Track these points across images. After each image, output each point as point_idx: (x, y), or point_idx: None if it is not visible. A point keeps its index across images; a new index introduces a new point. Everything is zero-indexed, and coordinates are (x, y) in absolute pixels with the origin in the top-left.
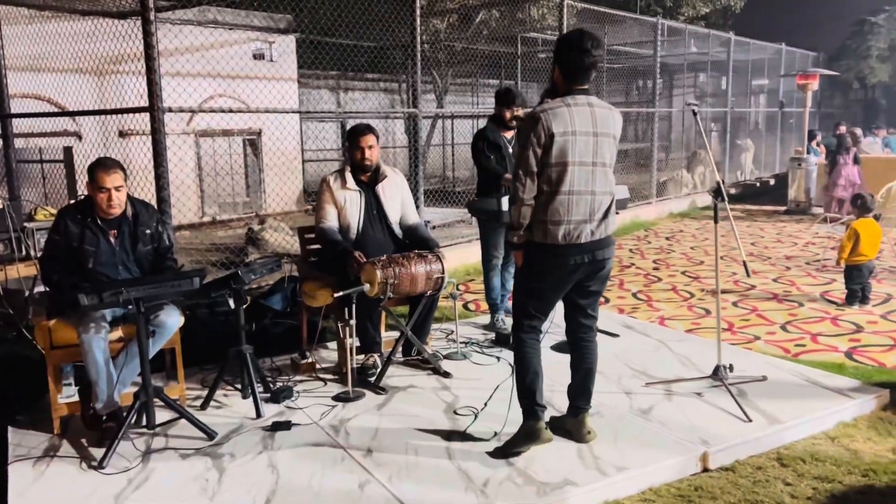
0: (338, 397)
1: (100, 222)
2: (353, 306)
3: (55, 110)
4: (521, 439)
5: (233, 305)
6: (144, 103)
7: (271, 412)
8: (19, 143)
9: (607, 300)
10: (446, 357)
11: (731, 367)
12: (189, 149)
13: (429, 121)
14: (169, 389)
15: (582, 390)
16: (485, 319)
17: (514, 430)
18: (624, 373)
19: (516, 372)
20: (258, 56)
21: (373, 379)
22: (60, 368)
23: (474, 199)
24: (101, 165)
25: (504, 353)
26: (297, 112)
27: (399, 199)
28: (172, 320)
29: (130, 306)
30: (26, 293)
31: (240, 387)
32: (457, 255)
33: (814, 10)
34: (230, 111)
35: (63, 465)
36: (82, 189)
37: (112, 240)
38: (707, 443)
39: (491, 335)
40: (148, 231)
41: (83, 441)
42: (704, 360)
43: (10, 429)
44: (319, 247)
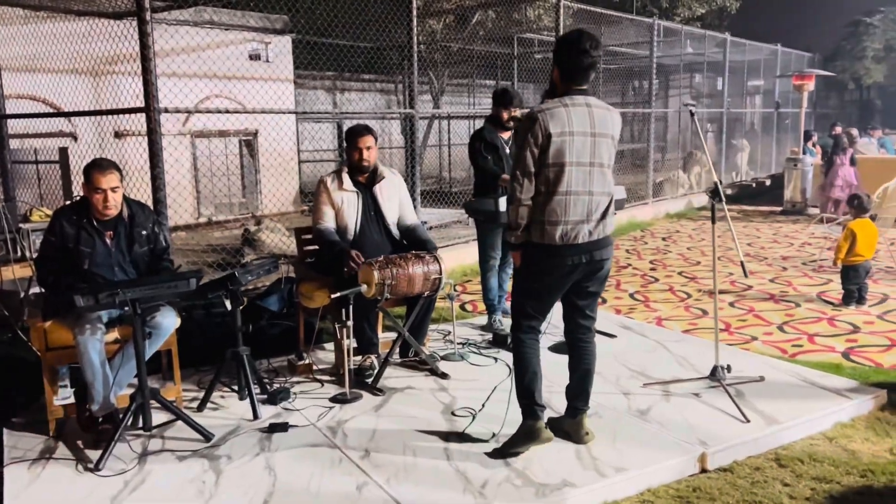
0: (335, 399)
1: (96, 223)
2: (351, 307)
3: (50, 111)
4: (520, 439)
5: (229, 307)
6: (140, 104)
7: (268, 414)
8: (14, 143)
9: (604, 301)
10: (444, 358)
11: (728, 368)
12: (185, 149)
13: (425, 121)
14: (165, 391)
15: (580, 391)
16: (482, 320)
17: (513, 430)
18: (622, 373)
19: (515, 372)
20: (254, 57)
21: (370, 380)
22: (56, 370)
23: (471, 199)
24: (97, 166)
25: (501, 354)
26: (293, 113)
27: (397, 200)
28: (169, 321)
29: (127, 307)
30: (21, 294)
31: (236, 388)
32: (454, 255)
33: (809, 11)
34: (226, 112)
35: (59, 467)
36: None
37: (108, 241)
38: (705, 443)
39: (488, 336)
40: (144, 232)
41: (79, 443)
42: (702, 360)
43: (5, 431)
44: (316, 248)
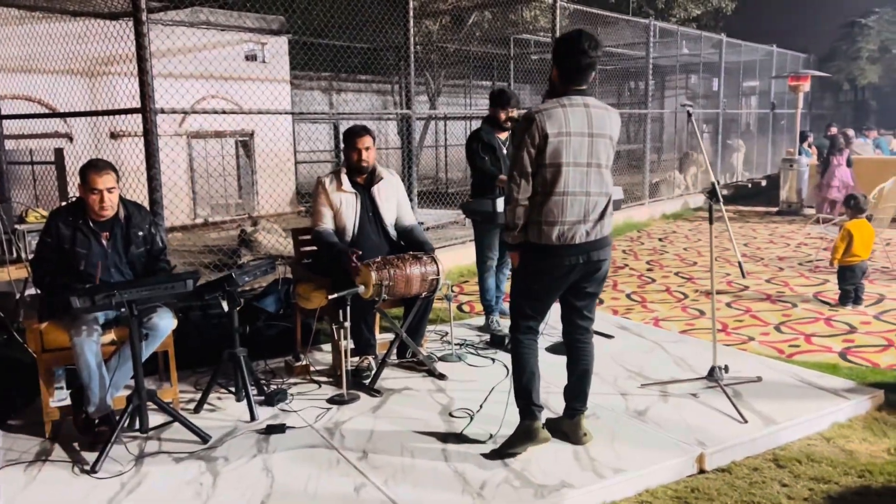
0: (332, 400)
1: (92, 224)
2: (348, 308)
3: (46, 112)
4: (517, 439)
5: (226, 308)
6: (136, 104)
7: (265, 415)
8: (9, 144)
9: (602, 301)
10: (441, 359)
11: (726, 368)
12: (181, 150)
13: (422, 122)
14: (162, 392)
15: (578, 392)
16: (479, 321)
17: (511, 431)
18: (619, 374)
19: (513, 372)
20: (250, 57)
21: (368, 381)
22: (52, 372)
23: (469, 200)
24: (93, 167)
25: (499, 355)
26: (289, 113)
27: (395, 201)
28: (165, 323)
29: (123, 309)
30: (17, 296)
31: (233, 390)
32: (450, 256)
33: (804, 12)
34: (223, 112)
35: (55, 469)
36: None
37: (104, 242)
38: (703, 444)
39: (486, 337)
40: (140, 233)
41: (75, 445)
42: (699, 360)
43: (1, 433)
44: (314, 248)
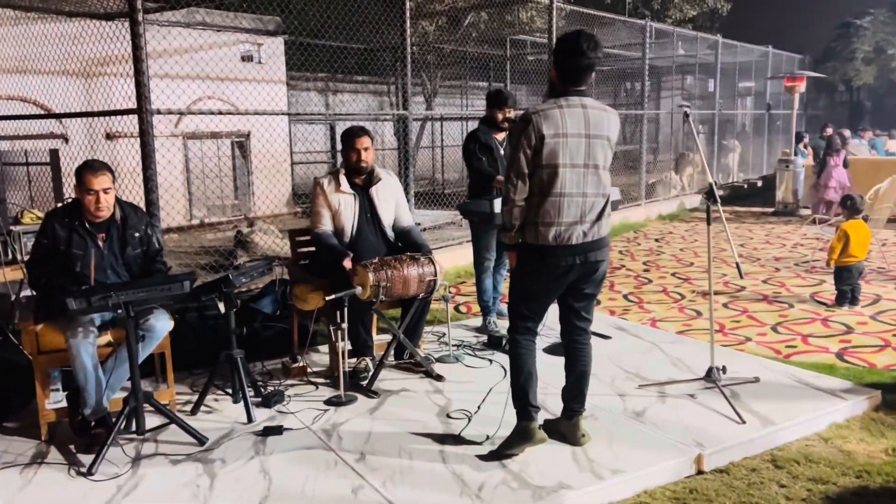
0: (330, 401)
1: (88, 226)
2: (345, 309)
3: (41, 112)
4: (514, 440)
5: (223, 309)
6: (132, 105)
7: (262, 417)
8: (4, 145)
9: (599, 302)
10: (439, 360)
11: (723, 369)
12: (177, 151)
13: (418, 123)
14: (159, 394)
15: (576, 393)
16: (476, 322)
17: (509, 432)
18: (617, 375)
19: (511, 372)
20: (246, 58)
21: (365, 382)
22: (48, 374)
23: (466, 201)
24: (89, 167)
25: (496, 356)
26: (285, 114)
27: (393, 202)
28: (162, 324)
29: (119, 310)
30: (12, 297)
31: (230, 391)
32: (447, 257)
33: (799, 13)
34: (219, 113)
35: (51, 471)
36: (69, 192)
37: (100, 243)
38: (701, 445)
39: (483, 338)
40: (137, 234)
41: (71, 447)
42: (697, 361)
43: None
44: (311, 250)
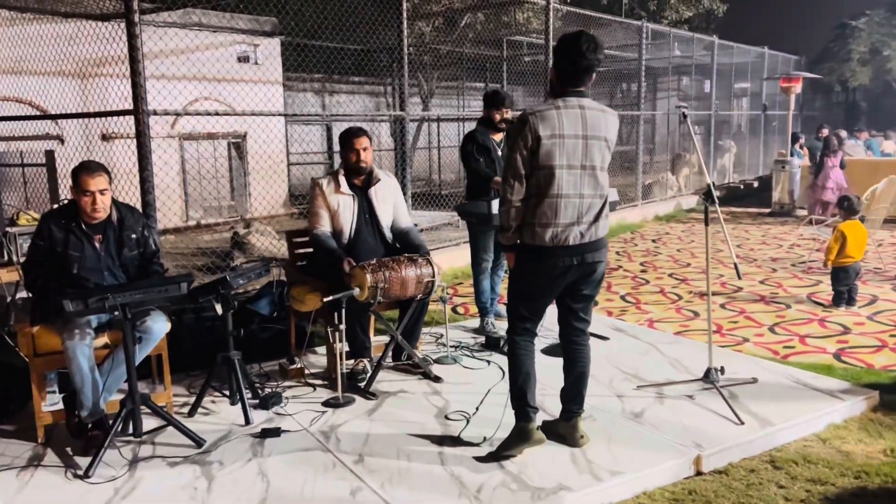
0: (327, 403)
1: (84, 227)
2: (343, 311)
3: (36, 114)
4: (512, 441)
5: (220, 311)
6: (128, 106)
7: (260, 419)
8: (0, 146)
9: (596, 303)
10: (436, 361)
11: (721, 370)
12: (173, 152)
13: (415, 124)
14: (156, 396)
15: (575, 394)
16: (474, 323)
17: (507, 434)
18: (615, 376)
19: (509, 373)
20: (243, 59)
21: (363, 384)
22: (44, 376)
23: (464, 202)
24: (86, 169)
25: (494, 357)
26: (282, 115)
27: (392, 204)
28: (159, 326)
29: (116, 312)
30: (8, 299)
31: (228, 393)
32: (444, 258)
33: (795, 14)
34: (215, 114)
35: (48, 474)
36: (65, 193)
37: (97, 245)
38: (700, 446)
39: (481, 339)
40: (133, 236)
41: (68, 450)
42: (695, 362)
43: None
44: (308, 251)
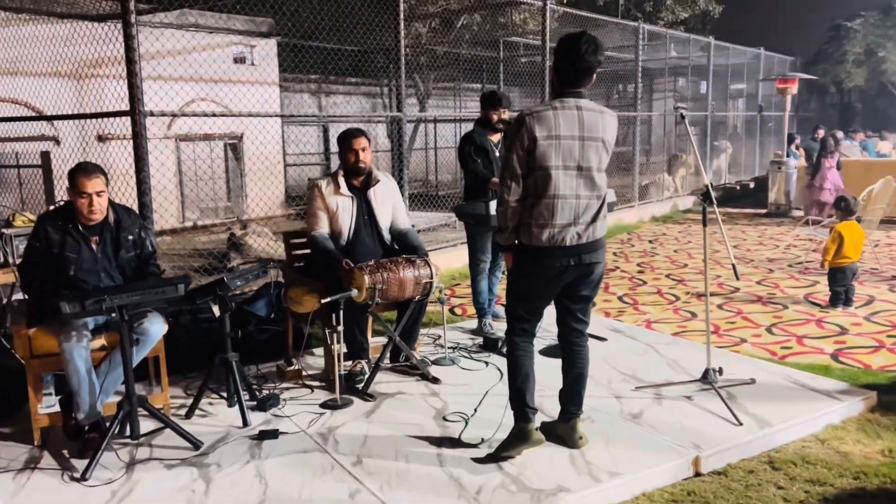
0: (325, 405)
1: (81, 229)
2: (341, 312)
3: (32, 115)
4: (511, 442)
5: (217, 312)
6: (124, 107)
7: (258, 420)
8: None
9: (594, 304)
10: (434, 363)
11: (720, 371)
12: (170, 153)
13: (411, 125)
14: (153, 398)
15: (573, 395)
16: (472, 324)
17: (506, 435)
18: (614, 377)
19: (508, 374)
20: (239, 60)
21: (361, 385)
22: (41, 378)
23: (461, 202)
24: (82, 170)
25: (492, 358)
26: (278, 116)
27: (390, 205)
28: (156, 328)
29: (113, 314)
30: (4, 301)
31: (225, 395)
32: (442, 259)
33: (791, 15)
34: (212, 115)
35: (44, 477)
36: (60, 195)
37: (94, 246)
38: (699, 447)
39: (479, 340)
40: (130, 237)
41: (65, 452)
42: (692, 363)
43: None
44: (306, 252)
